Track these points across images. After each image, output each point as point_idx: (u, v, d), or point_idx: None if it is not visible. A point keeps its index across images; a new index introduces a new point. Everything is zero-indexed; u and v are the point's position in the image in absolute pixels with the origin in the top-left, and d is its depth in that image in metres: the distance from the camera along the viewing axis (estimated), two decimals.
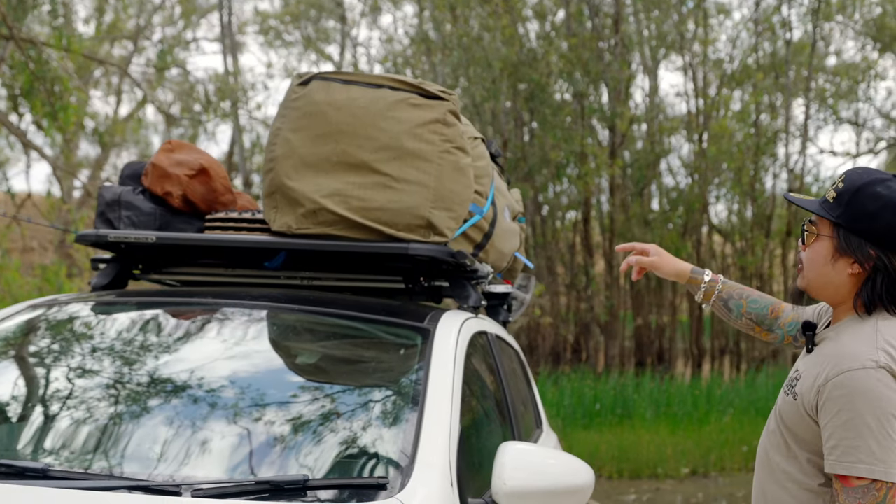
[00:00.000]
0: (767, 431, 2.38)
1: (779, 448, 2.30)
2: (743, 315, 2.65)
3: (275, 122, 3.11)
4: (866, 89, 16.99)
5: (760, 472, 2.39)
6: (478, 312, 3.21)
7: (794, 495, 2.25)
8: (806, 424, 2.21)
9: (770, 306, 2.64)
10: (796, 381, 2.27)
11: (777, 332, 2.63)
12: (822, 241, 2.26)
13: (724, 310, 2.67)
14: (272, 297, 2.98)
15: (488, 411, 3.05)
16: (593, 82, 15.82)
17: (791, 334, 2.61)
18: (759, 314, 2.64)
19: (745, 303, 2.65)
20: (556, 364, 15.82)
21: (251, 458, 2.28)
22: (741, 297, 2.66)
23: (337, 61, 20.41)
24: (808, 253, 2.31)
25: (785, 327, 2.62)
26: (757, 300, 2.66)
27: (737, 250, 16.79)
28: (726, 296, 2.66)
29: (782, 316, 2.64)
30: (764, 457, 2.36)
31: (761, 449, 2.39)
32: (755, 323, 2.65)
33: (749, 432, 10.42)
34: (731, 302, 2.66)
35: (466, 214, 3.04)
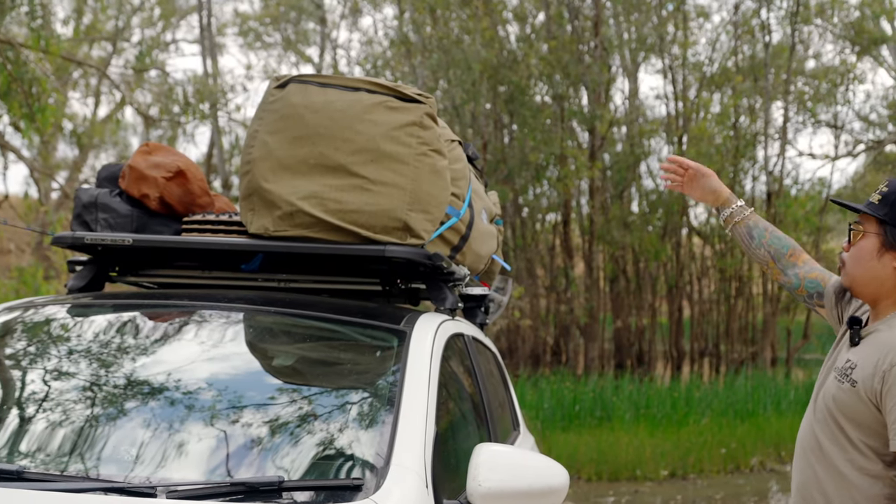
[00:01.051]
0: (815, 422, 2.50)
1: (834, 437, 2.44)
2: (762, 245, 2.81)
3: (252, 125, 3.11)
4: (845, 92, 17.12)
5: (813, 463, 2.49)
6: (454, 315, 3.22)
7: (853, 481, 2.39)
8: (866, 410, 2.37)
9: (790, 248, 2.80)
10: (851, 370, 2.41)
11: (792, 279, 2.78)
12: (869, 238, 2.47)
13: (747, 236, 2.82)
14: (249, 299, 2.98)
15: (465, 413, 3.06)
16: (573, 85, 15.88)
17: (809, 290, 2.76)
18: (778, 251, 2.79)
19: (768, 235, 2.81)
20: (536, 366, 15.85)
21: (227, 460, 2.28)
22: (766, 230, 2.82)
23: (317, 63, 20.38)
24: (853, 250, 2.50)
25: (804, 280, 2.77)
26: (780, 237, 2.81)
27: (716, 252, 16.89)
28: (752, 224, 2.83)
29: (801, 266, 2.78)
30: (815, 448, 2.48)
31: (810, 440, 2.51)
32: (772, 257, 2.80)
33: (727, 434, 10.48)
34: (756, 230, 2.82)
35: (443, 217, 3.05)
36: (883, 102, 17.91)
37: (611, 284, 17.11)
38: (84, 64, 15.78)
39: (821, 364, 2.73)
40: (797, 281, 2.78)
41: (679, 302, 16.95)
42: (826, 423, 2.46)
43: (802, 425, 2.59)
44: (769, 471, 10.17)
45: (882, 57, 19.03)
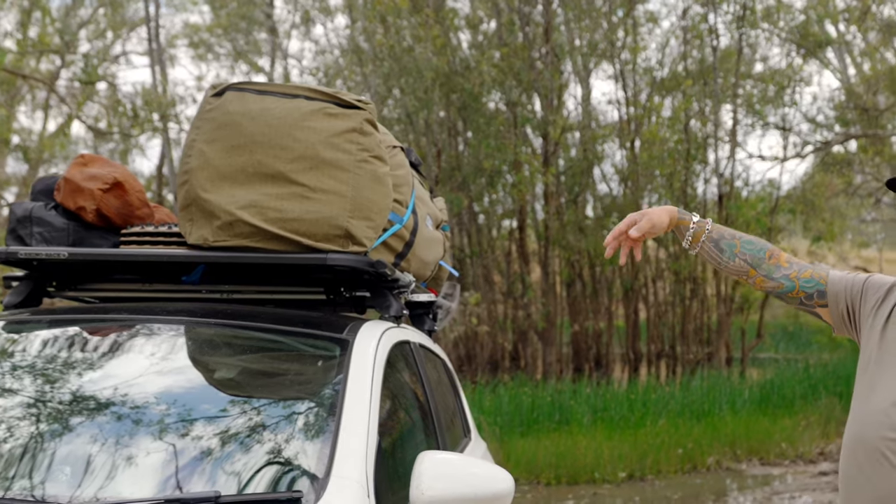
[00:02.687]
0: (890, 425, 2.23)
1: None
2: (737, 256, 2.52)
3: (189, 134, 3.06)
4: (792, 94, 17.34)
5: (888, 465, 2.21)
6: (400, 322, 3.19)
7: None
8: None
9: (767, 250, 2.53)
10: None
11: (784, 283, 2.51)
12: None
13: (716, 251, 2.53)
14: (189, 311, 2.93)
15: (411, 421, 3.03)
16: (526, 91, 15.93)
17: (807, 291, 2.50)
18: (756, 256, 2.52)
19: (739, 243, 2.53)
20: (495, 372, 15.85)
21: (165, 476, 2.23)
22: (733, 238, 2.54)
23: (268, 73, 20.27)
24: None
25: (799, 280, 2.49)
26: (752, 241, 2.54)
27: (670, 255, 17.01)
28: (717, 236, 2.54)
29: (788, 267, 2.51)
30: (889, 455, 2.21)
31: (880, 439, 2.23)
32: (750, 265, 2.52)
33: (684, 435, 10.54)
34: (723, 242, 2.54)
35: (386, 224, 3.02)
36: (829, 104, 18.18)
37: (567, 289, 17.18)
38: (30, 78, 15.55)
39: (775, 362, 2.64)
40: (790, 283, 2.50)
41: (635, 305, 17.05)
42: None
43: (866, 428, 2.28)
44: (725, 470, 10.24)
45: (827, 59, 19.33)
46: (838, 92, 18.93)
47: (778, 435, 11.05)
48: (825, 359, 17.92)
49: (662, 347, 17.22)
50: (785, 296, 2.53)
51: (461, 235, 16.67)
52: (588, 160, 16.38)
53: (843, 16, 17.53)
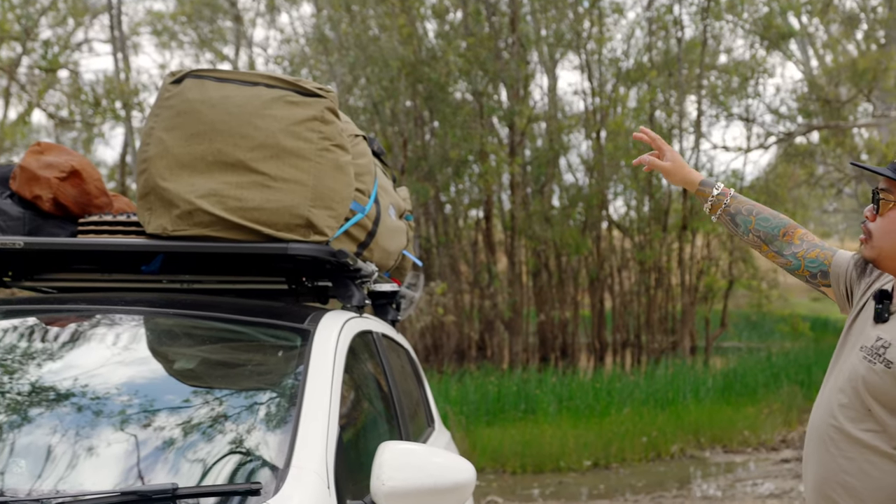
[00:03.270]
0: (837, 408, 2.25)
1: (863, 423, 2.20)
2: (750, 231, 2.60)
3: (147, 122, 3.02)
4: (755, 86, 17.47)
5: (835, 454, 2.24)
6: (362, 312, 3.17)
7: (881, 469, 2.17)
8: None
9: (782, 228, 2.59)
10: (884, 349, 2.18)
11: (791, 261, 2.57)
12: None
13: (732, 225, 2.64)
14: (149, 301, 2.90)
15: (373, 411, 3.02)
16: (492, 81, 15.93)
17: (811, 270, 2.54)
18: (769, 233, 2.59)
19: (754, 219, 2.60)
20: (461, 362, 15.87)
21: (123, 468, 2.20)
22: (750, 213, 2.61)
23: (233, 61, 20.11)
24: (881, 222, 2.25)
25: (804, 260, 2.55)
26: (768, 218, 2.61)
27: (635, 245, 17.11)
28: (734, 210, 2.62)
29: (799, 244, 2.57)
30: (839, 436, 2.23)
31: (829, 428, 2.26)
32: (763, 241, 2.59)
33: (648, 423, 10.62)
34: (739, 217, 2.62)
35: (348, 213, 3.00)
36: (792, 95, 18.34)
37: (533, 279, 17.22)
38: None
39: (738, 351, 2.67)
40: (796, 262, 2.56)
41: (600, 294, 17.13)
42: (853, 408, 2.22)
43: (818, 412, 2.32)
44: (689, 457, 10.33)
45: (790, 51, 19.49)
46: (801, 83, 19.11)
47: (741, 423, 11.16)
48: (787, 348, 18.12)
49: (627, 337, 17.33)
50: (795, 273, 2.60)
51: (427, 225, 16.66)
52: (554, 150, 16.42)
53: (806, 8, 17.67)
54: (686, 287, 16.93)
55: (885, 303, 2.24)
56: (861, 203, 20.38)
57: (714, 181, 2.68)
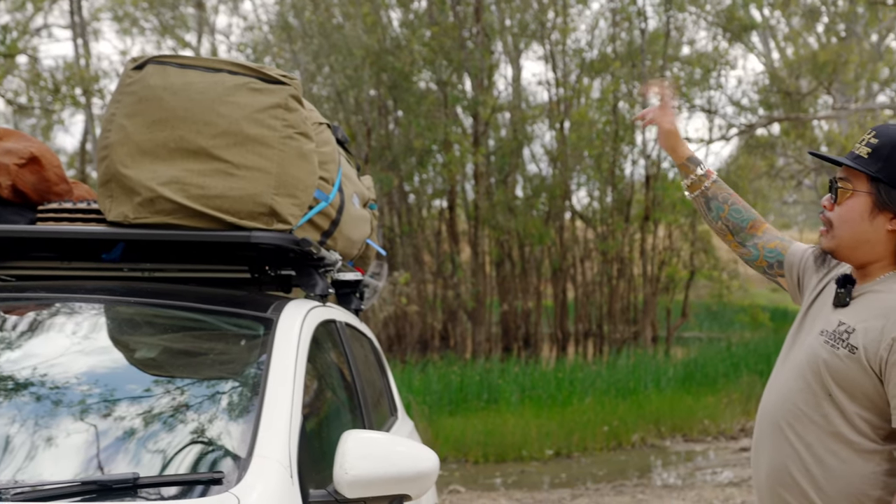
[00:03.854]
0: (795, 393, 2.22)
1: (822, 409, 2.17)
2: (720, 219, 2.62)
3: (108, 108, 2.98)
4: (718, 78, 17.62)
5: (793, 440, 2.21)
6: (326, 301, 3.16)
7: (845, 458, 2.14)
8: (866, 380, 2.12)
9: (751, 221, 2.61)
10: (848, 333, 2.15)
11: (751, 251, 2.59)
12: (859, 198, 2.19)
13: (705, 208, 2.65)
14: (109, 290, 2.87)
15: (336, 400, 3.02)
16: (456, 71, 15.92)
17: (769, 260, 2.57)
18: (737, 225, 2.61)
19: (727, 208, 2.62)
20: (424, 351, 15.89)
21: (84, 458, 2.18)
22: (724, 202, 2.62)
23: (195, 48, 19.92)
24: (840, 211, 2.22)
25: (763, 250, 2.58)
26: (740, 210, 2.62)
27: (598, 235, 17.21)
28: (711, 195, 2.63)
29: (762, 235, 2.59)
30: (797, 422, 2.20)
31: (787, 413, 2.22)
32: (729, 230, 2.62)
33: (609, 412, 10.70)
34: (713, 203, 2.63)
35: (311, 201, 2.98)
36: (753, 88, 18.51)
37: (497, 269, 17.27)
38: None
39: (699, 341, 2.69)
40: (756, 252, 2.58)
41: (563, 284, 17.22)
42: (812, 392, 2.18)
43: (771, 399, 2.29)
44: (650, 446, 10.43)
45: (752, 43, 19.66)
46: (762, 76, 19.30)
47: (701, 412, 11.28)
48: (747, 337, 18.33)
49: (590, 326, 17.44)
50: (752, 263, 2.61)
51: (391, 215, 16.64)
52: (518, 140, 16.46)
53: (768, 1, 17.84)
54: (648, 277, 17.06)
55: (848, 287, 2.23)
56: (820, 195, 20.64)
57: (700, 160, 2.67)
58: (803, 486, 2.17)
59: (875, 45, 19.74)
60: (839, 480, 2.14)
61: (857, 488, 2.13)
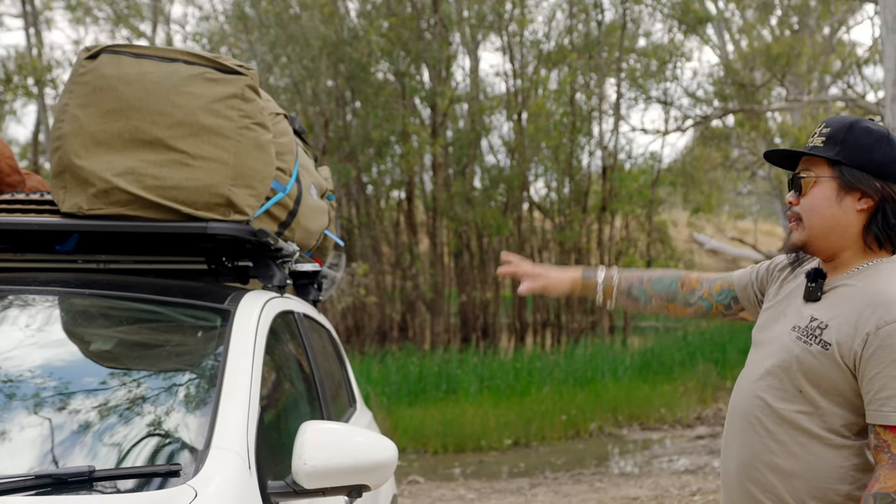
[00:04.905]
0: (765, 389, 2.21)
1: (789, 401, 2.16)
2: (652, 298, 2.58)
3: (61, 98, 2.94)
4: (673, 70, 17.76)
5: (762, 436, 2.20)
6: (283, 292, 3.15)
7: (817, 453, 2.14)
8: (839, 376, 2.11)
9: (678, 280, 2.57)
10: (821, 329, 2.14)
11: (702, 304, 2.54)
12: (823, 184, 2.19)
13: (630, 300, 2.61)
14: (63, 281, 2.83)
15: (295, 392, 3.01)
16: (414, 62, 15.89)
17: (723, 303, 2.52)
18: (669, 291, 2.57)
19: (648, 286, 2.59)
20: (383, 342, 15.88)
21: (39, 452, 2.16)
22: (642, 282, 2.59)
23: (150, 38, 19.68)
24: (807, 201, 2.21)
25: (712, 297, 2.53)
26: (661, 278, 2.59)
27: (556, 226, 17.29)
28: (626, 286, 2.61)
29: (700, 287, 2.54)
30: (767, 418, 2.19)
31: (757, 410, 2.21)
32: (667, 301, 2.57)
33: (567, 402, 10.78)
34: (634, 290, 2.60)
35: (269, 192, 2.97)
36: (709, 79, 18.69)
37: (455, 259, 17.29)
38: None
39: (655, 331, 2.69)
40: (706, 302, 2.53)
41: None
42: (784, 389, 2.18)
43: (742, 395, 2.27)
44: (607, 435, 10.52)
45: (707, 36, 19.84)
46: (717, 68, 19.48)
47: (657, 401, 11.40)
48: (702, 327, 18.51)
49: (548, 317, 17.53)
50: (708, 314, 2.56)
51: (349, 206, 16.59)
52: (476, 132, 16.48)
53: None
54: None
55: (819, 281, 2.21)
56: (774, 186, 20.90)
57: (587, 269, 2.66)
58: (773, 480, 2.17)
59: (827, 38, 20.01)
60: (809, 475, 2.14)
61: (827, 483, 2.13)
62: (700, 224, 23.31)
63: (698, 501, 7.16)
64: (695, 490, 7.56)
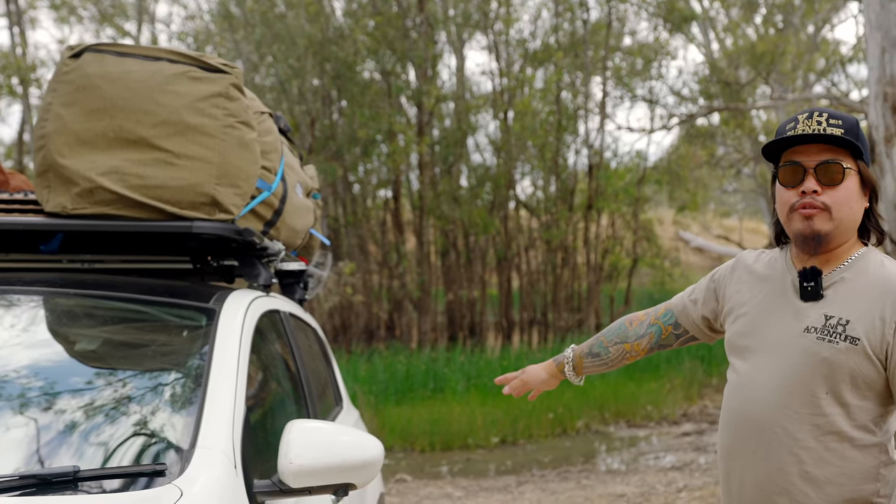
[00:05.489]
0: (786, 395, 2.15)
1: (817, 407, 2.12)
2: (609, 347, 2.61)
3: (45, 97, 2.93)
4: (658, 68, 17.80)
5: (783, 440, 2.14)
6: (269, 291, 3.15)
7: (842, 454, 2.11)
8: (870, 368, 2.09)
9: (626, 321, 2.61)
10: (842, 326, 2.10)
11: (652, 332, 2.54)
12: (852, 177, 2.15)
13: (594, 359, 2.64)
14: (48, 281, 2.82)
15: (281, 391, 3.01)
16: (400, 61, 15.88)
17: (668, 323, 2.51)
18: (619, 333, 2.59)
19: (604, 339, 2.63)
20: (370, 341, 15.87)
21: (24, 452, 2.15)
22: (598, 339, 2.65)
23: (135, 37, 19.61)
24: (840, 192, 2.13)
25: (660, 319, 2.53)
26: (611, 328, 2.64)
27: (542, 224, 17.30)
28: (587, 349, 2.66)
29: (646, 318, 2.55)
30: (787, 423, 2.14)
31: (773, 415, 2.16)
32: (622, 342, 2.58)
33: (554, 400, 10.79)
34: (594, 348, 2.64)
35: (254, 191, 2.96)
36: (694, 78, 18.74)
37: (442, 258, 17.28)
38: None
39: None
40: (655, 328, 2.53)
41: (508, 273, 17.30)
42: (809, 392, 2.12)
43: (748, 406, 2.20)
44: (594, 432, 10.55)
45: (692, 34, 19.89)
46: (702, 66, 19.53)
47: (644, 398, 11.43)
48: None
49: (534, 315, 17.54)
50: (662, 341, 2.54)
51: (336, 205, 16.57)
52: (462, 130, 16.47)
53: None
54: (591, 266, 17.21)
55: (818, 279, 2.16)
56: (759, 183, 20.98)
57: (557, 357, 2.73)
58: (805, 490, 2.12)
59: (811, 37, 20.10)
60: (842, 479, 2.11)
61: (859, 484, 2.11)
62: (686, 222, 23.38)
63: (685, 498, 7.19)
64: (681, 486, 7.58)
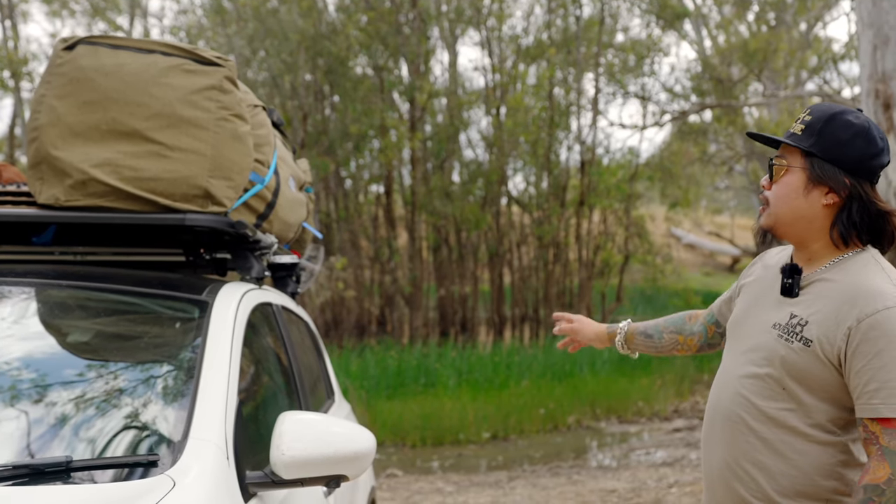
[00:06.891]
0: (747, 386, 2.20)
1: (773, 399, 2.16)
2: (664, 333, 2.68)
3: (38, 89, 2.93)
4: (651, 65, 17.81)
5: (746, 434, 2.20)
6: (261, 284, 3.16)
7: (798, 449, 2.14)
8: (823, 372, 2.11)
9: (686, 315, 2.69)
10: (801, 326, 2.14)
11: (700, 331, 2.62)
12: (794, 173, 2.19)
13: (647, 339, 2.71)
14: (41, 273, 2.83)
15: (273, 383, 3.01)
16: (392, 56, 15.87)
17: (711, 322, 2.59)
18: (678, 324, 2.67)
19: (662, 323, 2.71)
20: (361, 337, 15.88)
21: (17, 443, 2.16)
22: (656, 323, 2.72)
23: (127, 31, 19.56)
24: (777, 188, 2.21)
25: (706, 320, 2.61)
26: (671, 317, 2.71)
27: (534, 220, 17.31)
28: (643, 327, 2.73)
29: (700, 318, 2.64)
30: (751, 417, 2.19)
31: (739, 409, 2.21)
32: (677, 333, 2.66)
33: (545, 396, 10.82)
34: (650, 329, 2.72)
35: (247, 184, 2.97)
36: (686, 75, 18.77)
37: (433, 254, 17.29)
38: None
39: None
40: (702, 327, 2.62)
41: (500, 269, 17.31)
42: (767, 387, 2.17)
43: (723, 393, 2.26)
44: (585, 428, 10.57)
45: (685, 31, 19.92)
46: (695, 63, 19.57)
47: (635, 394, 11.46)
48: None
49: (526, 311, 17.55)
50: (710, 339, 2.62)
51: (328, 200, 16.56)
52: (454, 126, 16.48)
53: None
54: (583, 262, 17.23)
55: (796, 277, 2.20)
56: (751, 180, 21.04)
57: (612, 324, 2.83)
58: (758, 479, 2.16)
59: (804, 34, 20.15)
60: (795, 472, 2.14)
61: (813, 480, 2.13)
62: (678, 219, 23.40)
63: (675, 493, 7.21)
64: (672, 482, 7.61)
